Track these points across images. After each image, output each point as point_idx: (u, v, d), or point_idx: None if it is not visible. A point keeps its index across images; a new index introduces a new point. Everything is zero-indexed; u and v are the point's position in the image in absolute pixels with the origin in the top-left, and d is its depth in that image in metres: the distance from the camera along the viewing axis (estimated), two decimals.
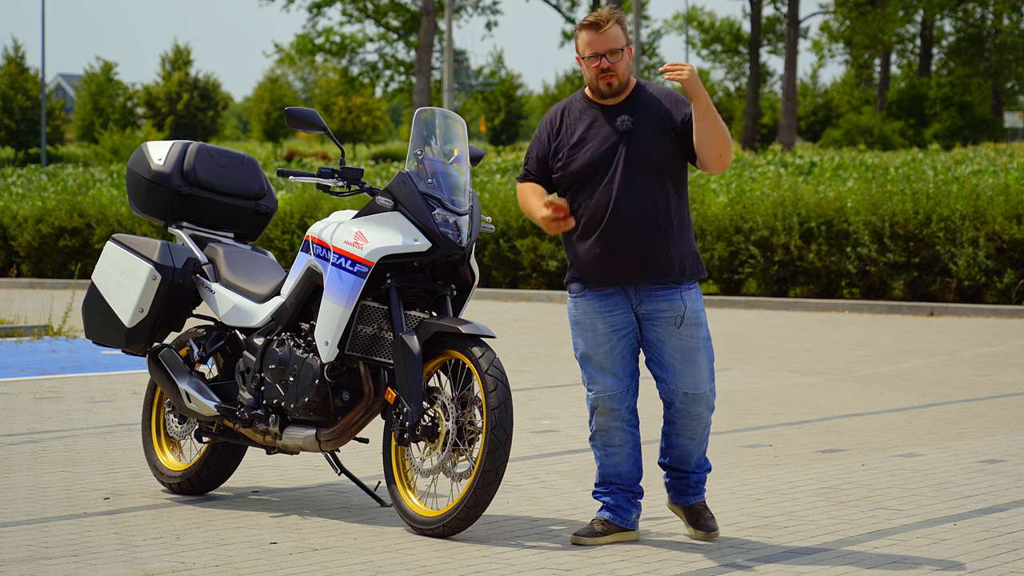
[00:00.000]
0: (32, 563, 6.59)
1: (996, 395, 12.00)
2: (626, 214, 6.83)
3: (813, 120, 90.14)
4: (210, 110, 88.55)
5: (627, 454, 7.04)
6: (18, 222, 25.36)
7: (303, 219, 23.03)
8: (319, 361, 7.37)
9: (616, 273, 6.88)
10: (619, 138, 6.88)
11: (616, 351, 6.96)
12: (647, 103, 6.92)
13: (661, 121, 6.88)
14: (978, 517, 7.47)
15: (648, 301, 6.89)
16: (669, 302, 6.89)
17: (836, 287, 19.78)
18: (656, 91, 6.97)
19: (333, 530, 7.24)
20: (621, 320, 6.94)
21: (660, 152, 6.85)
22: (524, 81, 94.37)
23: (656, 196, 6.85)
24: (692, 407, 6.96)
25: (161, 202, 8.27)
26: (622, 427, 7.02)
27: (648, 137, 6.86)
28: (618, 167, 6.85)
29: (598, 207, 6.86)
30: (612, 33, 6.86)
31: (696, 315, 6.90)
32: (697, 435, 7.01)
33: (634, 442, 7.05)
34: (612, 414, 7.00)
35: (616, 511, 7.03)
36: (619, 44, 6.86)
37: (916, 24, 74.33)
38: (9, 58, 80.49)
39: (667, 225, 6.87)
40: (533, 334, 16.93)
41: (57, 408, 11.31)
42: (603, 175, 6.87)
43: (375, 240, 7.22)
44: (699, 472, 7.09)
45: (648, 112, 6.90)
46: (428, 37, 60.53)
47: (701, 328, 6.92)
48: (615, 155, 6.86)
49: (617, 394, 6.98)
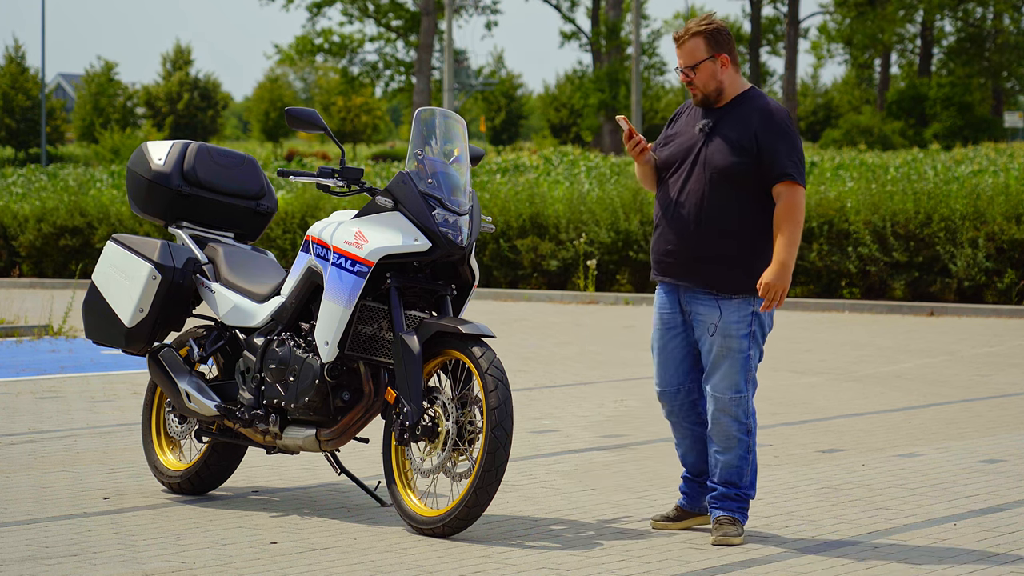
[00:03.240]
0: (32, 563, 6.59)
1: (996, 395, 12.01)
2: (681, 214, 6.97)
3: (813, 120, 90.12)
4: (210, 110, 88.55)
5: (689, 447, 7.21)
6: (19, 222, 25.37)
7: (303, 219, 23.03)
8: (319, 361, 7.37)
9: (667, 268, 7.05)
10: (697, 141, 7.00)
11: (668, 349, 7.11)
12: (738, 113, 6.98)
13: (740, 135, 6.92)
14: (978, 517, 7.47)
15: (691, 303, 7.03)
16: (707, 308, 6.99)
17: (836, 287, 19.78)
18: (760, 106, 6.99)
19: (333, 530, 7.24)
20: (672, 319, 7.09)
21: (725, 162, 6.91)
22: (524, 81, 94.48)
23: (713, 204, 6.92)
24: (712, 408, 7.02)
25: (161, 202, 8.27)
26: (680, 423, 7.19)
27: (720, 146, 6.94)
28: (689, 168, 6.98)
29: (664, 201, 7.04)
30: (689, 47, 7.00)
31: (728, 327, 6.94)
32: (723, 445, 7.01)
33: (696, 437, 7.18)
34: (667, 409, 7.20)
35: (687, 497, 7.23)
36: (696, 58, 6.99)
37: (916, 24, 74.31)
38: (9, 58, 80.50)
39: (719, 234, 6.92)
40: (533, 334, 16.93)
41: (57, 408, 11.31)
42: (677, 172, 7.03)
43: (375, 240, 7.22)
44: (728, 488, 7.04)
45: (732, 122, 6.97)
46: (428, 37, 60.51)
47: (730, 339, 6.95)
48: (689, 156, 7.00)
49: (666, 391, 7.14)
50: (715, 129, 6.97)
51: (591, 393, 12.18)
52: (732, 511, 7.01)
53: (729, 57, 7.02)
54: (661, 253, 7.05)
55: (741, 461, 7.01)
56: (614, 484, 8.34)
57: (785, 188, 6.89)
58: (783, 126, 6.94)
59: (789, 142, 6.91)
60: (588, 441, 9.84)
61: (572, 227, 21.37)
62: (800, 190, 6.90)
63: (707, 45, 6.99)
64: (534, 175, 31.73)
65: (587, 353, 15.02)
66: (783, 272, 6.86)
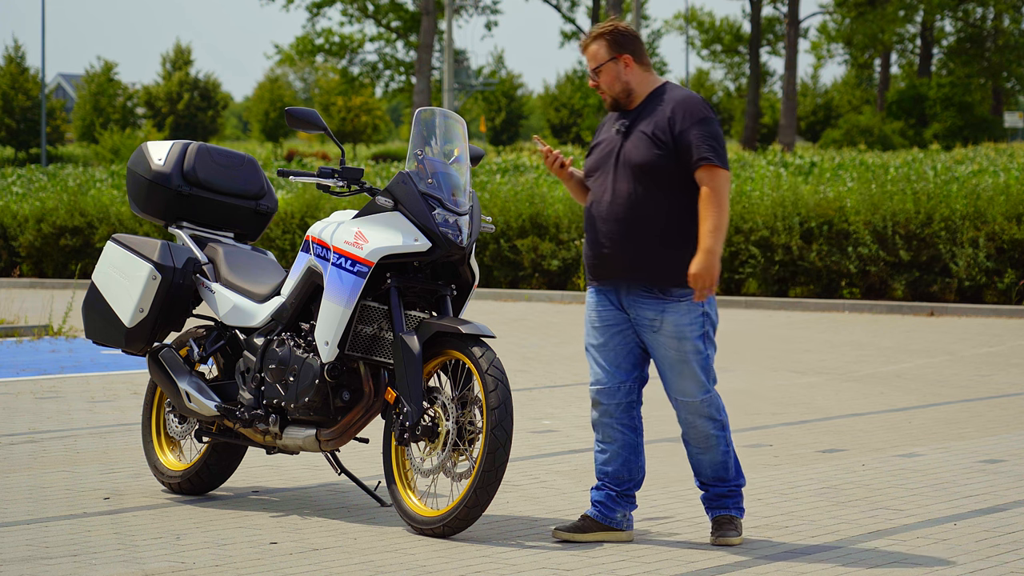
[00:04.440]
0: (32, 563, 6.59)
1: (996, 395, 12.01)
2: (609, 216, 6.91)
3: (813, 120, 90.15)
4: (210, 110, 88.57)
5: (616, 453, 7.02)
6: (18, 222, 25.36)
7: (303, 219, 23.03)
8: (319, 361, 7.37)
9: (599, 271, 6.98)
10: (616, 143, 6.96)
11: (610, 346, 7.00)
12: (652, 109, 6.94)
13: (655, 128, 6.87)
14: (978, 517, 7.47)
15: (633, 306, 6.94)
16: (652, 311, 6.90)
17: (836, 287, 19.78)
18: (672, 97, 6.95)
19: (333, 530, 7.24)
20: (612, 317, 6.99)
21: (643, 158, 6.85)
22: (524, 81, 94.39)
23: (638, 200, 6.86)
24: (685, 414, 6.96)
25: (161, 202, 8.27)
26: (613, 424, 7.02)
27: (636, 142, 6.89)
28: (611, 171, 6.94)
29: (592, 206, 6.98)
30: (591, 51, 7.02)
31: (680, 329, 6.86)
32: (702, 445, 6.98)
33: (625, 442, 7.02)
34: (601, 408, 7.03)
35: (599, 507, 7.04)
36: (598, 60, 6.98)
37: (916, 24, 74.32)
38: (9, 58, 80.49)
39: (648, 232, 6.85)
40: (533, 334, 16.93)
41: (57, 408, 11.31)
42: (601, 177, 6.97)
43: (375, 240, 7.22)
44: (719, 486, 7.01)
45: (648, 118, 6.92)
46: (428, 37, 60.51)
47: (686, 342, 6.86)
48: (610, 159, 6.95)
49: (607, 388, 7.01)
50: (631, 128, 6.94)
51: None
52: (728, 508, 6.99)
53: (633, 57, 6.98)
54: (594, 258, 6.97)
55: (724, 456, 6.99)
56: None
57: (705, 173, 6.80)
58: (697, 112, 6.86)
59: (704, 127, 6.83)
60: (588, 441, 9.83)
61: (572, 227, 21.36)
62: (721, 172, 6.80)
63: (608, 47, 6.97)
64: (534, 175, 31.73)
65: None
66: (710, 259, 6.73)
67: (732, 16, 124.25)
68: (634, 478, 7.05)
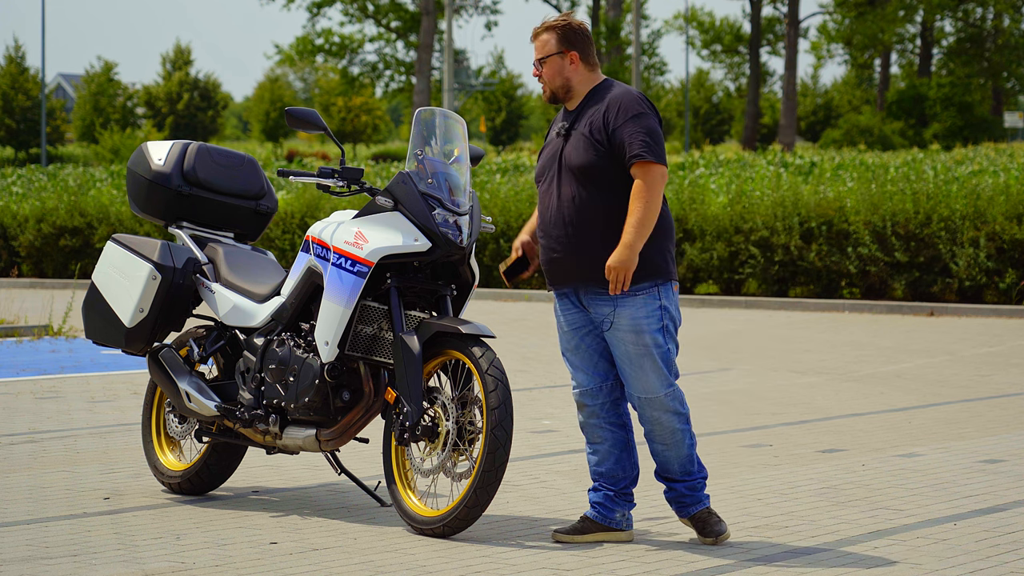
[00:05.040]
0: (32, 563, 6.59)
1: (996, 395, 12.01)
2: (556, 221, 6.91)
3: (813, 120, 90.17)
4: (210, 110, 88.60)
5: (607, 452, 7.02)
6: (18, 222, 25.36)
7: (303, 219, 23.03)
8: (319, 361, 7.37)
9: (555, 275, 6.99)
10: (558, 145, 6.97)
11: (582, 348, 7.02)
12: (591, 108, 6.92)
13: (593, 128, 6.86)
14: (978, 517, 7.47)
15: (591, 304, 6.95)
16: (608, 307, 6.89)
17: (836, 287, 19.78)
18: (611, 95, 6.91)
19: (333, 530, 7.24)
20: (578, 319, 7.00)
21: (581, 160, 6.85)
22: (524, 81, 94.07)
23: (583, 203, 6.85)
24: (649, 412, 6.92)
25: (161, 202, 8.27)
26: (600, 424, 7.03)
27: (575, 143, 6.89)
28: (556, 174, 6.95)
29: (541, 210, 6.99)
30: (541, 41, 7.00)
31: (637, 323, 6.84)
32: (668, 441, 6.94)
33: (615, 440, 7.02)
34: (587, 410, 7.04)
35: (597, 508, 7.04)
36: (545, 52, 6.97)
37: (916, 24, 74.33)
38: (9, 58, 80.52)
39: (593, 234, 6.84)
40: (533, 334, 16.93)
41: (57, 408, 11.31)
42: (547, 180, 6.99)
43: (375, 240, 7.22)
44: (688, 480, 6.99)
45: (585, 117, 6.92)
46: (428, 37, 60.51)
47: (643, 335, 6.83)
48: (553, 163, 6.97)
49: (589, 390, 7.02)
50: (570, 129, 6.94)
51: None
52: (703, 501, 6.98)
53: (579, 55, 6.96)
54: (548, 262, 6.97)
55: (690, 449, 6.97)
56: None
57: (638, 169, 6.76)
58: (631, 108, 6.82)
59: (638, 123, 6.79)
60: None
61: None
62: (654, 168, 6.75)
63: (558, 40, 6.96)
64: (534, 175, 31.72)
65: None
66: (628, 253, 6.69)
67: (732, 16, 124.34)
68: (628, 475, 7.04)
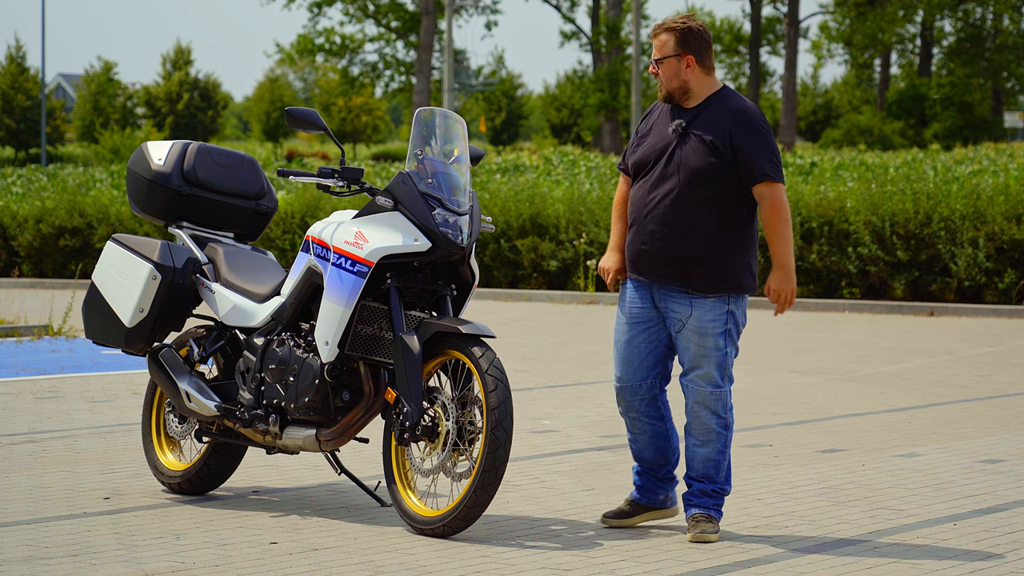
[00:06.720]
0: (32, 563, 6.59)
1: (996, 395, 12.01)
2: (655, 214, 7.02)
3: (813, 120, 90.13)
4: (210, 110, 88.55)
5: (647, 442, 7.22)
6: (18, 222, 25.36)
7: (303, 219, 23.03)
8: (319, 361, 7.37)
9: (640, 265, 7.10)
10: (671, 140, 7.04)
11: (633, 344, 7.13)
12: (711, 114, 7.02)
13: (715, 136, 6.97)
14: (978, 517, 7.48)
15: (664, 302, 7.08)
16: (679, 305, 7.04)
17: (836, 287, 19.78)
18: (731, 106, 7.03)
19: (333, 530, 7.24)
20: (642, 314, 7.11)
21: (700, 163, 6.96)
22: (524, 81, 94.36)
23: (686, 204, 6.97)
24: (692, 401, 7.07)
25: (161, 202, 8.27)
26: (639, 418, 7.20)
27: (695, 146, 6.99)
28: (663, 169, 7.03)
29: (639, 201, 7.08)
30: (660, 41, 7.12)
31: (703, 325, 7.00)
32: (703, 438, 7.07)
33: (655, 432, 7.20)
34: (625, 404, 7.20)
35: (641, 492, 7.27)
36: (662, 53, 7.08)
37: (916, 24, 74.29)
38: (10, 58, 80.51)
39: (695, 236, 6.97)
40: (533, 334, 16.93)
41: (57, 408, 11.31)
42: (651, 172, 7.07)
43: (375, 240, 7.22)
44: (705, 483, 7.09)
45: (706, 124, 7.01)
46: (428, 37, 60.50)
47: (707, 337, 7.00)
48: (663, 156, 7.04)
49: (628, 387, 7.15)
50: (688, 130, 7.02)
51: (591, 393, 12.18)
52: (708, 508, 7.07)
53: (696, 59, 7.06)
54: (635, 252, 7.10)
55: (719, 455, 7.08)
56: (614, 484, 8.34)
57: (766, 188, 6.96)
58: (756, 126, 6.99)
59: (763, 141, 6.97)
60: (588, 441, 9.84)
61: (572, 227, 21.36)
62: (780, 188, 6.98)
63: (676, 43, 7.06)
64: (534, 175, 31.73)
65: (587, 353, 15.03)
66: (787, 274, 6.98)
67: (732, 16, 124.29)
68: (669, 460, 7.26)
